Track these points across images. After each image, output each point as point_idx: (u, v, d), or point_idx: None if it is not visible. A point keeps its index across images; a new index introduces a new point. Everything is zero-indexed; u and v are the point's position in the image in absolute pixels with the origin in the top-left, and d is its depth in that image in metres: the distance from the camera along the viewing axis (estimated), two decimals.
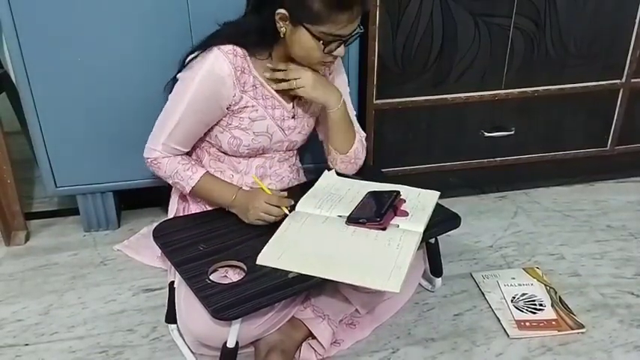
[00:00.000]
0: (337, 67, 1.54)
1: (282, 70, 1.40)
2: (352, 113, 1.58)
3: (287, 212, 1.39)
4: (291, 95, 1.46)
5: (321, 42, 1.29)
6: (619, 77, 1.98)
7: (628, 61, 1.95)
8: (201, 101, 1.37)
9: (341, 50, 1.34)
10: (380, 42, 1.76)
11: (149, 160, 1.45)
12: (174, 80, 1.42)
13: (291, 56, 1.37)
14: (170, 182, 1.46)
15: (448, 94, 1.88)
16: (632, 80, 1.98)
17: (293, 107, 1.48)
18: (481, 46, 1.83)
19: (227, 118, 1.42)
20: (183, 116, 1.38)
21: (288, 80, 1.40)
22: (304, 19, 1.27)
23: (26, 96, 1.63)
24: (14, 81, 1.78)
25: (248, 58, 1.38)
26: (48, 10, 1.54)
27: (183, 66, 1.40)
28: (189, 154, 1.50)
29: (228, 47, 1.35)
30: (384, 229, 1.33)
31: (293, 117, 1.48)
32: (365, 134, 1.61)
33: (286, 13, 1.28)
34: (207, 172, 1.45)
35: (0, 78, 1.99)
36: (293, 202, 1.41)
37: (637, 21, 1.89)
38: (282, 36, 1.32)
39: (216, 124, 1.44)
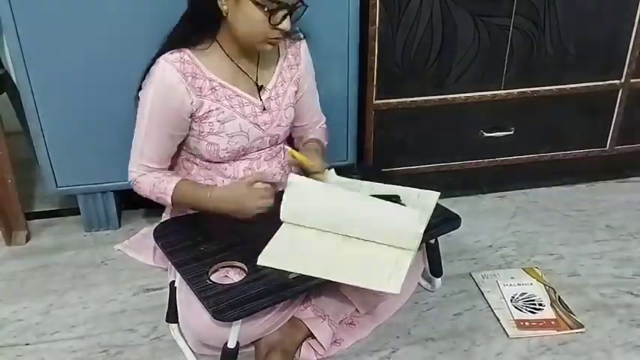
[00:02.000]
0: (303, 54, 1.51)
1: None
2: (317, 98, 1.59)
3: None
4: (257, 89, 1.45)
5: (266, 9, 1.26)
6: (619, 77, 1.98)
7: (627, 61, 1.95)
8: (159, 115, 1.36)
9: (286, 23, 1.30)
10: (380, 42, 1.76)
11: (131, 182, 1.45)
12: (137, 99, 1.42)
13: (238, 42, 1.35)
14: (154, 198, 1.43)
15: (448, 94, 1.89)
16: (632, 80, 1.98)
17: (260, 99, 1.45)
18: (481, 46, 1.83)
19: (197, 126, 1.40)
20: (147, 133, 1.38)
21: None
22: None
23: (27, 96, 1.63)
24: (15, 81, 1.78)
25: (198, 61, 1.36)
26: (49, 10, 1.54)
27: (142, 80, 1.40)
28: (171, 168, 1.49)
29: (175, 56, 1.34)
30: None
31: (264, 109, 1.45)
32: (325, 118, 1.63)
33: None
34: (183, 179, 1.43)
35: (1, 78, 1.99)
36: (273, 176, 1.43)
37: (637, 21, 1.89)
38: (224, 15, 1.30)
39: (189, 135, 1.43)
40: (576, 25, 1.86)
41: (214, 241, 1.35)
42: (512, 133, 1.98)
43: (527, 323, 1.51)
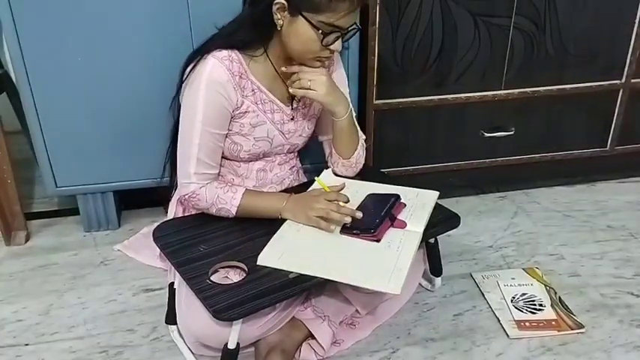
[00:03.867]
0: (337, 64, 1.53)
1: (296, 72, 1.38)
2: (353, 114, 1.57)
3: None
4: (290, 98, 1.46)
5: (320, 32, 1.27)
6: (619, 77, 1.98)
7: (628, 62, 1.95)
8: (212, 114, 1.34)
9: (338, 45, 1.32)
10: (380, 42, 1.75)
11: (186, 196, 1.39)
12: (177, 99, 1.41)
13: (286, 53, 1.36)
14: (214, 211, 1.39)
15: (448, 94, 1.88)
16: (632, 80, 1.98)
17: (292, 109, 1.47)
18: (481, 46, 1.83)
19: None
20: (202, 138, 1.34)
21: (301, 80, 1.37)
22: (303, 7, 1.25)
23: (26, 96, 1.63)
24: (14, 81, 1.78)
25: (244, 62, 1.36)
26: (48, 10, 1.53)
27: (181, 79, 1.39)
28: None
29: (223, 53, 1.33)
30: (377, 240, 1.31)
31: (292, 119, 1.47)
32: (364, 136, 1.60)
33: (284, 3, 1.26)
34: (247, 188, 1.41)
35: (0, 78, 1.99)
36: (348, 199, 1.39)
37: (637, 21, 1.89)
38: (279, 28, 1.30)
39: None
40: (576, 25, 1.86)
41: (214, 242, 1.35)
42: (512, 133, 1.98)
43: (527, 324, 1.51)
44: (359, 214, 1.33)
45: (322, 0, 1.23)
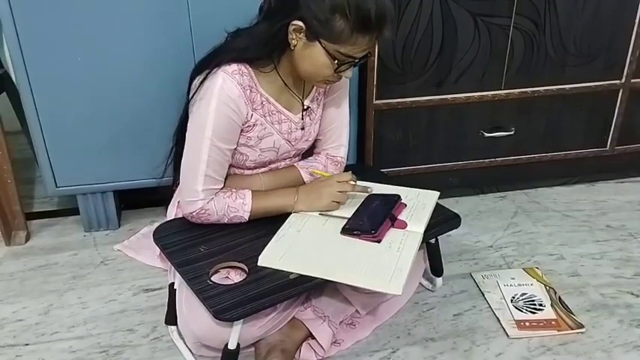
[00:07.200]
0: (342, 89, 1.52)
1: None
2: (346, 121, 1.56)
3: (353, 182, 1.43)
4: (299, 106, 1.45)
5: (336, 61, 1.27)
6: (619, 77, 1.98)
7: (628, 61, 1.95)
8: (222, 129, 1.32)
9: (350, 72, 1.32)
10: (380, 42, 1.75)
11: (195, 212, 1.36)
12: (186, 112, 1.40)
13: (294, 70, 1.35)
14: (226, 221, 1.37)
15: (448, 94, 1.88)
16: (632, 80, 1.98)
17: (302, 118, 1.46)
18: (481, 46, 1.83)
19: None
20: (210, 153, 1.32)
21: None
22: (323, 35, 1.24)
23: (26, 96, 1.63)
24: (15, 81, 1.77)
25: (253, 75, 1.35)
26: (48, 10, 1.53)
27: (189, 93, 1.38)
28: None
29: (233, 67, 1.31)
30: (378, 241, 1.31)
31: (302, 128, 1.46)
32: (344, 156, 1.57)
33: (303, 26, 1.24)
34: (251, 190, 1.40)
35: (0, 78, 1.99)
36: (356, 178, 1.44)
37: (637, 21, 1.89)
38: (292, 48, 1.29)
39: None
40: (576, 25, 1.86)
41: (214, 242, 1.35)
42: (512, 133, 1.98)
43: (527, 323, 1.51)
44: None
45: (344, 33, 1.22)
